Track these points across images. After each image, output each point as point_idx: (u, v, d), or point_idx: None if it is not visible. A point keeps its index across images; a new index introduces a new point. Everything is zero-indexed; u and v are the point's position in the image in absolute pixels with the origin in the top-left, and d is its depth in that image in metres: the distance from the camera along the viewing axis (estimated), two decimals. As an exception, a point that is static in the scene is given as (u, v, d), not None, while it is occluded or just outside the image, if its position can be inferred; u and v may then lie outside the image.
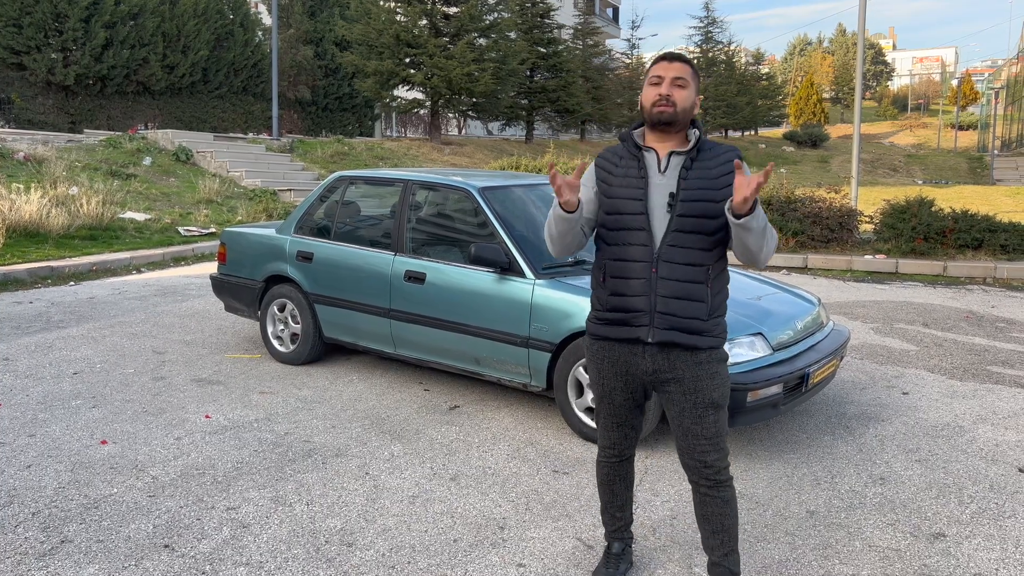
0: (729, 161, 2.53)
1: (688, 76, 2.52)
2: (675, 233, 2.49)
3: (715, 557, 2.65)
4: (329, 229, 5.49)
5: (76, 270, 9.09)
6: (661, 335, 2.51)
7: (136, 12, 22.61)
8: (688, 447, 2.59)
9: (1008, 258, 9.97)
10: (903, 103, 74.04)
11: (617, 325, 2.58)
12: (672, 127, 2.53)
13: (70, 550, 3.06)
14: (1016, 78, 42.79)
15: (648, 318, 2.52)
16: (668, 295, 2.50)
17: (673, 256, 2.49)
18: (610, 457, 2.83)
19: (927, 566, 3.02)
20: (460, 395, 4.98)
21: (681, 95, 2.51)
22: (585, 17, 36.85)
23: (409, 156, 22.06)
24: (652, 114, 2.53)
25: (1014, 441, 4.31)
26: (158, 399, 4.83)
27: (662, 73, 2.52)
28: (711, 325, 2.54)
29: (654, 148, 2.57)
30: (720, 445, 2.58)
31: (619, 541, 2.94)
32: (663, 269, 2.50)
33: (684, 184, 2.50)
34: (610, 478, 2.86)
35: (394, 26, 22.86)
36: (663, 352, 2.54)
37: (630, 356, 2.59)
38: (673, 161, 2.54)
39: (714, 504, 2.60)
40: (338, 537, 3.19)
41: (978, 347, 6.32)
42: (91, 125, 22.08)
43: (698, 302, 2.50)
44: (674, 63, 2.54)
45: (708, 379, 2.54)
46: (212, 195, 14.66)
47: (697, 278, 2.50)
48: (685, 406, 2.55)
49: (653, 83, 2.53)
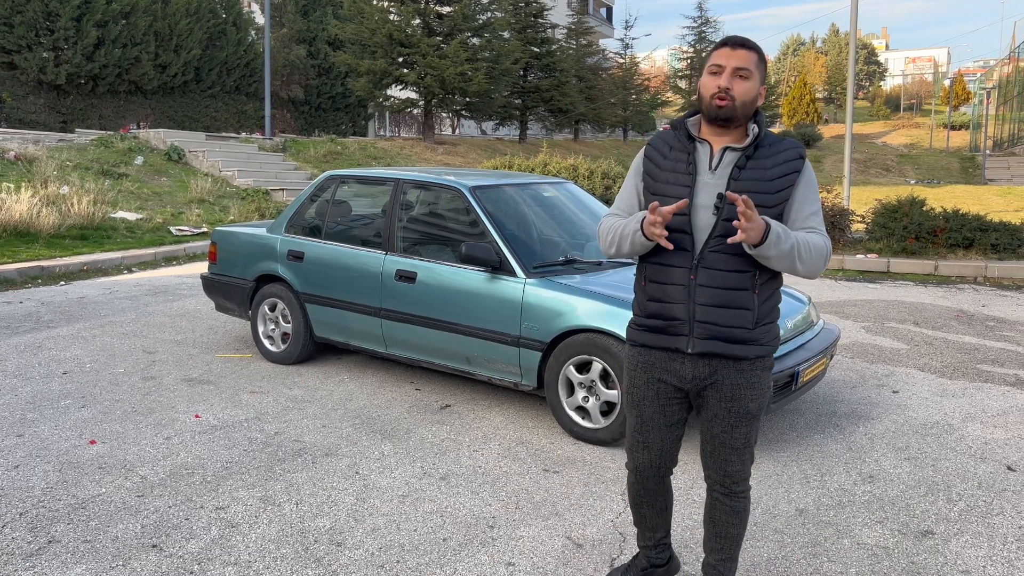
0: (790, 160, 2.33)
1: (752, 66, 2.29)
2: (719, 238, 2.29)
3: (711, 559, 2.59)
4: (320, 228, 5.48)
5: (67, 270, 9.05)
6: (701, 346, 2.35)
7: (128, 11, 22.52)
8: (713, 452, 2.47)
9: (999, 257, 10.02)
10: (896, 103, 74.30)
11: (656, 333, 2.43)
12: (731, 123, 2.32)
13: (57, 550, 3.05)
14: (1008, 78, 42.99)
15: (687, 327, 2.36)
16: (708, 303, 2.32)
17: (715, 262, 2.31)
18: (634, 483, 2.62)
19: (915, 564, 3.03)
20: (451, 394, 4.98)
21: (742, 88, 2.28)
22: (578, 17, 36.85)
23: (402, 156, 22.03)
24: (710, 107, 2.31)
25: (1003, 439, 4.33)
26: (148, 399, 4.81)
27: (723, 62, 2.29)
28: (759, 334, 2.36)
29: (708, 141, 2.37)
30: (745, 457, 2.46)
31: (646, 559, 2.74)
32: (703, 276, 2.31)
33: (735, 185, 2.30)
34: (637, 501, 2.64)
35: (387, 25, 22.81)
36: (704, 360, 2.38)
37: (669, 363, 2.43)
38: (727, 158, 2.34)
39: (724, 512, 2.52)
40: (327, 536, 3.19)
41: (968, 346, 6.35)
42: (82, 124, 21.98)
43: (743, 310, 2.33)
44: (737, 50, 2.30)
45: (748, 388, 2.39)
46: (204, 195, 14.61)
47: (742, 285, 2.32)
48: (719, 412, 2.41)
49: (713, 72, 2.31)
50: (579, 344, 4.16)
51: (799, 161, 2.35)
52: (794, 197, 2.35)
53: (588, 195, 5.81)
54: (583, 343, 4.14)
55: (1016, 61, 43.15)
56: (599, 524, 3.32)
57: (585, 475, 3.80)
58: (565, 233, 5.22)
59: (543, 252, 4.74)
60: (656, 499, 2.62)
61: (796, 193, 2.35)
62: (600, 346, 4.07)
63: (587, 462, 3.95)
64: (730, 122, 2.32)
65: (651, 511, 2.64)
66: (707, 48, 44.23)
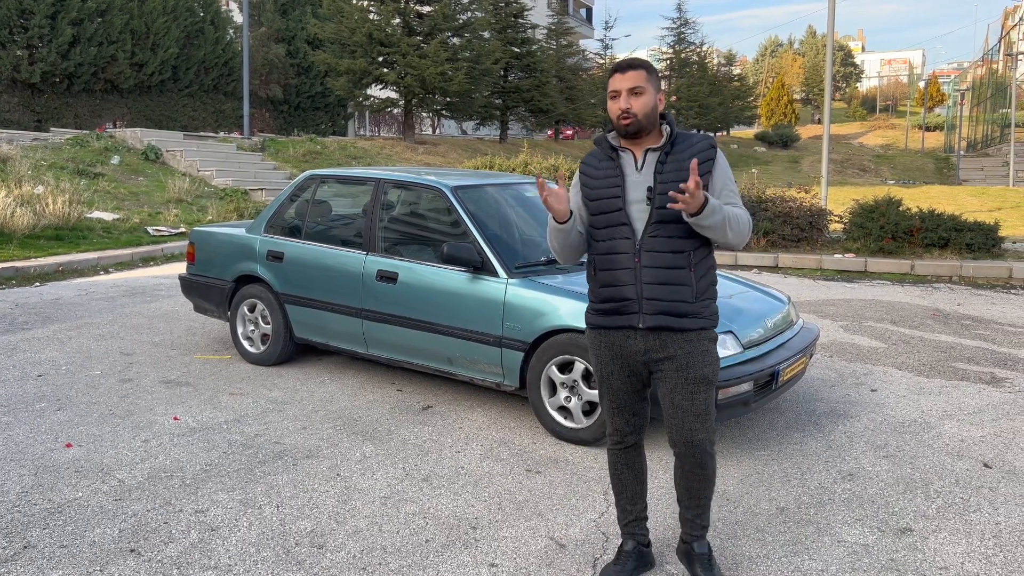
0: (702, 150, 2.68)
1: (643, 82, 2.64)
2: (655, 224, 2.64)
3: (687, 513, 2.85)
4: (300, 228, 5.44)
5: (41, 271, 8.93)
6: (651, 320, 2.66)
7: (103, 9, 22.26)
8: (678, 424, 2.72)
9: (973, 257, 10.15)
10: (872, 104, 75.11)
11: (610, 315, 2.73)
12: (640, 134, 2.68)
13: (33, 555, 3.00)
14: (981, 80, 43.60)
15: (637, 305, 2.67)
16: (652, 282, 2.64)
17: (654, 246, 2.64)
18: (615, 444, 2.91)
19: (895, 560, 3.06)
20: (433, 395, 4.96)
21: (639, 103, 2.63)
22: (559, 17, 36.93)
23: (383, 155, 21.95)
24: (619, 127, 2.68)
25: (979, 437, 4.38)
26: (125, 401, 4.75)
27: (618, 86, 2.65)
28: (699, 307, 2.68)
29: (630, 149, 2.73)
30: (708, 424, 2.72)
31: (631, 538, 2.93)
32: (646, 258, 2.64)
33: (660, 178, 2.65)
34: (617, 466, 2.93)
35: (367, 25, 22.73)
36: (654, 334, 2.68)
37: (624, 340, 2.73)
38: (649, 158, 2.70)
39: (695, 478, 2.78)
40: (308, 539, 3.16)
41: (944, 344, 6.43)
42: (57, 123, 21.70)
43: (683, 286, 2.65)
44: (627, 73, 2.65)
45: (699, 356, 2.68)
46: (182, 194, 14.48)
47: (679, 264, 2.65)
48: (677, 382, 2.69)
49: (612, 97, 2.67)
50: (561, 344, 4.16)
51: (711, 150, 2.71)
52: (713, 181, 2.71)
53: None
54: (565, 343, 4.15)
55: (989, 63, 43.80)
56: (582, 524, 3.32)
57: (567, 475, 3.80)
58: (547, 233, 5.22)
59: (525, 252, 4.74)
60: (634, 462, 2.92)
61: (714, 177, 2.71)
62: (582, 346, 4.08)
63: (569, 462, 3.95)
64: (640, 134, 2.68)
65: (630, 474, 2.92)
66: (687, 49, 44.56)
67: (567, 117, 33.26)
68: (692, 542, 2.86)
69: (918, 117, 56.16)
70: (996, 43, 44.68)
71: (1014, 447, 4.23)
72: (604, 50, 41.68)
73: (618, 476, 2.94)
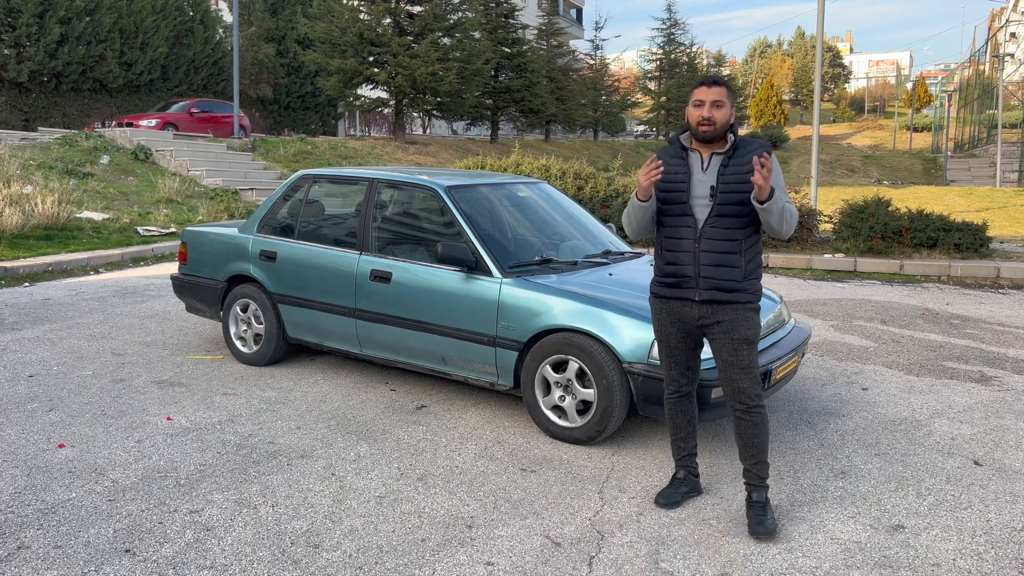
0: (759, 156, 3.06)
1: (724, 97, 3.15)
2: (715, 218, 3.17)
3: (747, 465, 3.32)
4: (293, 228, 5.44)
5: (31, 271, 8.87)
6: (705, 295, 3.21)
7: (92, 8, 22.14)
8: (727, 376, 3.25)
9: (962, 257, 10.23)
10: (860, 105, 75.49)
11: (671, 287, 3.30)
12: (714, 140, 3.20)
13: (27, 556, 2.99)
14: (968, 82, 43.90)
15: (694, 282, 3.21)
16: (709, 264, 3.19)
17: (712, 234, 3.18)
18: (671, 393, 3.47)
19: (887, 557, 3.09)
20: (427, 395, 4.97)
21: (719, 114, 3.15)
22: (549, 18, 36.93)
23: (373, 155, 21.91)
24: (697, 132, 3.17)
25: (969, 434, 4.42)
26: (118, 401, 4.74)
27: (703, 97, 3.15)
28: (746, 285, 3.21)
29: (698, 150, 3.24)
30: (752, 375, 3.23)
31: (684, 468, 3.53)
32: (704, 244, 3.19)
33: (722, 179, 3.17)
34: (673, 412, 3.49)
35: (357, 24, 22.68)
36: (707, 305, 3.23)
37: (682, 308, 3.29)
38: (714, 160, 3.21)
39: (746, 426, 3.27)
40: (304, 539, 3.16)
41: (934, 343, 6.48)
42: (46, 123, 21.57)
43: (733, 268, 3.18)
44: (713, 88, 3.16)
45: (743, 321, 3.21)
46: (172, 194, 14.41)
47: (732, 250, 3.18)
48: (724, 342, 3.22)
49: (696, 105, 3.17)
50: (555, 343, 4.17)
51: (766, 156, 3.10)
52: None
53: (563, 195, 5.82)
54: (559, 342, 4.16)
55: (976, 64, 44.11)
56: (577, 522, 3.33)
57: (562, 474, 3.81)
58: (540, 233, 5.24)
59: (519, 252, 4.75)
60: (687, 407, 3.49)
61: None
62: (576, 345, 4.09)
63: (564, 461, 3.97)
64: (713, 140, 3.20)
65: (683, 419, 3.49)
66: (676, 50, 44.70)
67: (557, 117, 33.27)
68: (751, 491, 3.32)
69: (906, 118, 56.50)
70: (983, 44, 45.01)
71: (1004, 444, 4.27)
72: (594, 51, 41.71)
73: (673, 420, 3.50)
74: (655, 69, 45.82)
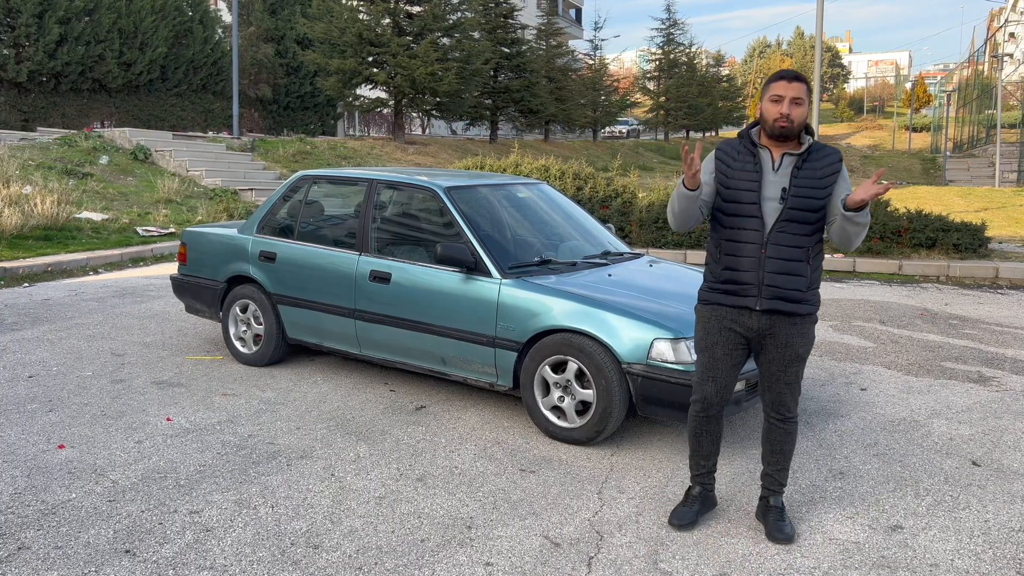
0: (833, 163, 3.02)
1: (803, 94, 2.95)
2: (784, 222, 2.99)
3: (769, 469, 3.28)
4: (292, 229, 5.44)
5: (30, 271, 8.87)
6: (768, 304, 3.03)
7: (91, 8, 22.11)
8: (770, 387, 3.17)
9: (960, 257, 10.24)
10: (859, 105, 75.50)
11: (728, 294, 3.09)
12: (788, 138, 3.00)
13: (28, 557, 2.99)
14: (967, 82, 43.91)
15: (756, 290, 3.03)
16: (775, 271, 3.00)
17: (781, 240, 2.99)
18: (699, 412, 3.25)
19: (885, 558, 3.09)
20: (426, 395, 4.97)
21: (798, 112, 2.95)
22: (548, 18, 36.92)
23: (373, 155, 21.91)
24: (774, 128, 2.97)
25: (967, 435, 4.43)
26: (117, 402, 4.74)
27: (782, 92, 2.94)
28: (810, 295, 3.07)
29: (768, 148, 3.04)
30: (795, 391, 3.17)
31: (700, 485, 3.36)
32: (771, 250, 3.00)
33: (795, 182, 2.99)
34: (697, 431, 3.28)
35: (356, 24, 22.66)
36: (767, 315, 3.06)
37: (738, 317, 3.09)
38: (786, 161, 3.02)
39: (778, 432, 3.23)
40: (304, 539, 3.17)
41: (932, 344, 6.48)
42: (45, 123, 21.54)
43: (799, 276, 3.02)
44: (793, 83, 2.95)
45: (799, 337, 3.08)
46: (171, 195, 14.40)
47: (799, 257, 3.01)
48: (775, 356, 3.10)
49: (774, 100, 2.96)
50: (555, 344, 4.18)
51: (839, 164, 3.04)
52: (836, 190, 3.03)
53: (562, 196, 5.83)
54: (559, 343, 4.16)
55: (975, 64, 44.13)
56: (576, 523, 3.34)
57: (561, 474, 3.82)
58: (540, 234, 5.24)
59: (518, 253, 4.76)
60: (713, 427, 3.27)
61: (837, 187, 3.03)
62: (575, 346, 4.10)
63: (563, 461, 3.97)
64: (787, 138, 2.99)
65: (708, 439, 3.28)
66: (676, 50, 44.68)
67: (557, 117, 33.28)
68: (769, 496, 3.28)
69: (905, 118, 56.52)
70: (982, 45, 45.02)
71: (1002, 445, 4.28)
72: (593, 51, 41.69)
73: (697, 439, 3.29)
74: (654, 69, 45.84)
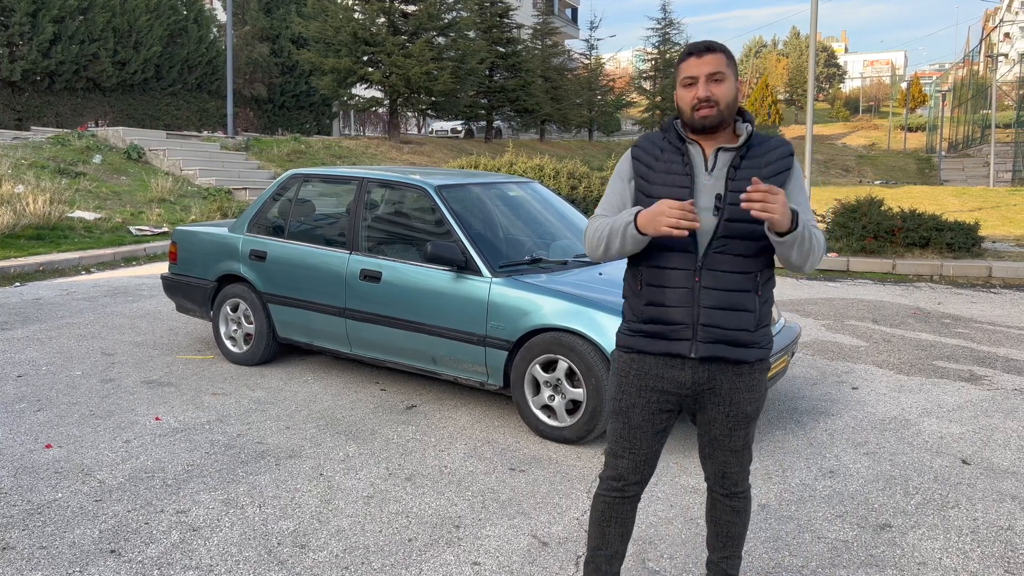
0: (781, 158, 2.30)
1: (724, 67, 2.23)
2: (722, 239, 2.22)
3: (715, 556, 2.59)
4: (283, 228, 5.42)
5: (22, 270, 8.84)
6: (705, 349, 2.26)
7: (85, 7, 22.06)
8: (712, 455, 2.44)
9: (954, 256, 10.25)
10: (855, 105, 75.60)
11: (653, 338, 2.31)
12: (718, 129, 2.27)
13: (12, 557, 2.97)
14: (962, 82, 44.01)
15: (690, 331, 2.26)
16: (712, 306, 2.25)
17: (719, 263, 2.23)
18: (612, 491, 2.44)
19: (873, 556, 3.09)
20: (417, 394, 4.96)
21: (722, 91, 2.22)
22: (544, 17, 36.91)
23: (367, 155, 21.88)
24: (692, 119, 2.25)
25: (958, 434, 4.43)
26: (106, 401, 4.72)
27: (695, 72, 2.23)
28: (759, 336, 2.31)
29: (699, 143, 2.30)
30: (744, 458, 2.44)
31: None
32: (707, 278, 2.24)
33: (732, 185, 2.23)
34: (605, 516, 2.46)
35: (352, 24, 22.64)
36: (704, 365, 2.30)
37: (666, 371, 2.32)
38: (721, 159, 2.27)
39: (724, 511, 2.52)
40: (291, 539, 3.15)
41: (925, 343, 6.49)
42: (38, 122, 21.49)
43: (746, 312, 2.26)
44: (704, 56, 2.23)
45: (746, 391, 2.34)
46: (165, 194, 14.37)
47: (745, 286, 2.25)
48: (717, 417, 2.36)
49: (686, 84, 2.25)
50: (545, 343, 4.17)
51: (789, 159, 2.31)
52: (788, 194, 2.27)
53: (554, 195, 5.82)
54: (549, 342, 4.16)
55: (970, 64, 44.22)
56: (565, 522, 3.33)
57: (551, 473, 3.81)
58: (531, 232, 5.23)
59: (509, 251, 4.74)
60: (627, 518, 2.47)
61: (788, 190, 2.29)
62: (566, 345, 4.09)
63: (553, 460, 3.96)
64: (717, 128, 2.26)
65: (617, 530, 2.47)
66: (672, 50, 44.65)
67: (552, 117, 33.28)
68: None
69: (900, 118, 56.61)
70: (977, 45, 45.14)
71: (992, 444, 4.28)
72: (589, 50, 41.71)
73: (601, 528, 2.47)
74: (650, 69, 45.84)
